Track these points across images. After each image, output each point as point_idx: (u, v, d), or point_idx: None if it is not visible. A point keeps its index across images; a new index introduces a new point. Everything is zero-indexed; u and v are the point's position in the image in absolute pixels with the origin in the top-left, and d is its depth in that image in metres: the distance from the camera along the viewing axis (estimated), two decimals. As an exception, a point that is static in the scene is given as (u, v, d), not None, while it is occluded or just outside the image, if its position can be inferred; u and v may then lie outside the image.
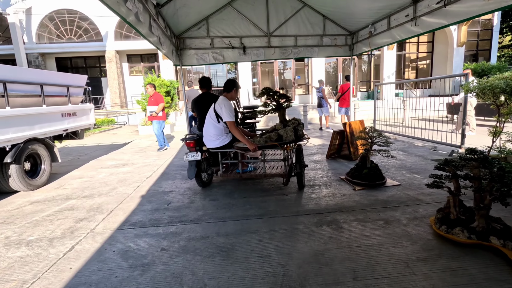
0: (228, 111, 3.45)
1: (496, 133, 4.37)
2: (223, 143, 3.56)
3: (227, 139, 3.58)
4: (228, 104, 3.51)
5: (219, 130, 3.55)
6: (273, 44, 5.18)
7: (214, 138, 3.56)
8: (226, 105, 3.47)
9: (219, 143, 3.56)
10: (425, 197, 3.31)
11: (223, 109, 3.45)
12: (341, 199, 3.40)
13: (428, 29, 3.52)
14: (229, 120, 3.43)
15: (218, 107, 3.50)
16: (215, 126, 3.55)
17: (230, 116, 3.44)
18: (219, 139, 3.56)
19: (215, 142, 3.57)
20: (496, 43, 17.85)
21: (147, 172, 5.18)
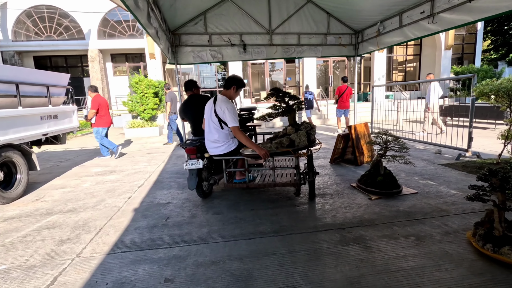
0: (232, 115, 3.08)
1: (508, 137, 4.21)
2: (229, 149, 3.19)
3: (234, 144, 3.21)
4: (230, 107, 3.14)
5: (224, 135, 3.18)
6: (275, 42, 4.86)
7: (219, 143, 3.19)
8: (229, 108, 3.09)
9: (224, 149, 3.19)
10: (449, 207, 3.06)
11: (226, 114, 3.08)
12: (359, 210, 3.10)
13: (448, 27, 3.29)
14: (233, 126, 3.06)
15: (220, 110, 3.12)
16: (219, 131, 3.18)
17: (234, 120, 3.07)
18: (224, 145, 3.19)
19: (220, 148, 3.20)
20: (480, 47, 18.32)
21: (138, 180, 4.72)
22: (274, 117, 3.20)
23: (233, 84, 3.23)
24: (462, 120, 10.00)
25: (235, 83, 3.24)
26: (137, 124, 10.68)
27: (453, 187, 3.70)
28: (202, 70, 18.41)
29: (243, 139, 3.05)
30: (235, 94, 3.29)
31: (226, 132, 3.19)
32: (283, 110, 3.23)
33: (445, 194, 3.46)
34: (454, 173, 4.31)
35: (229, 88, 3.24)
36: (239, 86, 3.28)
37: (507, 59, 20.67)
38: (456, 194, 3.43)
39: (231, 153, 3.21)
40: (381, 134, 3.72)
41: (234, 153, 3.22)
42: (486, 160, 4.88)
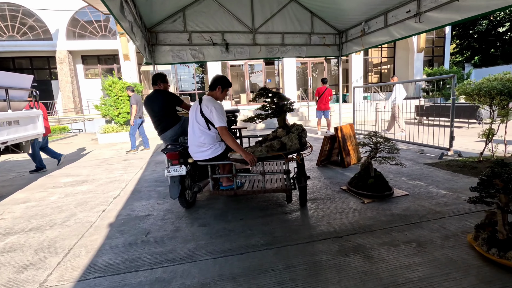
0: (220, 115, 2.86)
1: (489, 135, 4.28)
2: (215, 154, 2.95)
3: (220, 148, 2.97)
4: (218, 106, 2.91)
5: (210, 138, 2.94)
6: (258, 42, 4.67)
7: (205, 147, 2.94)
8: (216, 108, 2.87)
9: (210, 154, 2.94)
10: (443, 209, 3.00)
11: (214, 113, 2.85)
12: (354, 216, 2.96)
13: (435, 26, 3.26)
14: (220, 126, 2.83)
15: (207, 110, 2.89)
16: (204, 133, 2.93)
17: (222, 121, 2.85)
18: (210, 148, 2.94)
19: (206, 152, 2.95)
20: (448, 50, 19.27)
21: (114, 190, 4.33)
22: (263, 119, 3.00)
23: (218, 84, 3.02)
24: (438, 119, 10.40)
25: (220, 83, 3.03)
26: (111, 129, 10.08)
27: (442, 187, 3.67)
28: (180, 72, 17.91)
29: (230, 142, 2.82)
30: (221, 95, 3.06)
31: (213, 134, 2.96)
32: (272, 112, 3.03)
33: (436, 194, 3.42)
34: (440, 172, 4.33)
35: (214, 89, 3.03)
36: (225, 86, 3.05)
37: (472, 62, 21.94)
38: (447, 195, 3.40)
39: (218, 158, 2.97)
40: (371, 136, 3.63)
41: (221, 158, 2.98)
42: (467, 158, 4.97)
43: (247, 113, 12.78)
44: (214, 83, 3.03)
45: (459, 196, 3.31)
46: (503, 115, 3.95)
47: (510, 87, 3.74)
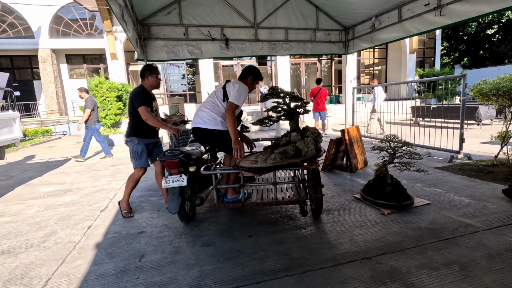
0: (239, 94, 2.68)
1: (506, 138, 4.05)
2: (212, 126, 2.78)
3: (221, 126, 2.80)
4: (243, 88, 2.73)
5: (217, 110, 2.81)
6: (260, 38, 4.31)
7: (206, 117, 2.80)
8: (241, 88, 2.71)
9: (208, 124, 2.79)
10: (473, 221, 2.71)
11: (235, 89, 2.69)
12: (377, 230, 2.63)
13: (459, 19, 2.97)
14: (232, 102, 2.65)
15: (231, 86, 2.77)
16: (215, 104, 2.83)
17: (238, 100, 2.66)
18: (211, 120, 2.79)
19: (204, 120, 2.80)
20: (439, 51, 19.42)
21: (101, 201, 3.88)
22: (275, 121, 2.64)
23: (250, 74, 2.88)
24: (434, 120, 10.31)
25: (253, 73, 2.88)
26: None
27: (463, 194, 3.40)
28: (170, 72, 17.34)
29: (230, 121, 2.62)
30: (251, 86, 2.90)
31: (222, 110, 2.81)
32: (285, 113, 2.68)
33: (460, 203, 3.14)
34: (455, 177, 4.07)
35: (245, 78, 2.89)
36: (256, 78, 2.90)
37: (462, 63, 22.25)
38: (471, 204, 3.12)
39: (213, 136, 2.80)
40: (389, 140, 3.32)
41: (217, 136, 2.79)
42: (478, 162, 4.74)
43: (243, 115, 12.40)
44: (246, 72, 2.89)
45: (485, 206, 3.04)
46: (524, 116, 3.72)
47: (531, 87, 3.51)
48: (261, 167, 2.41)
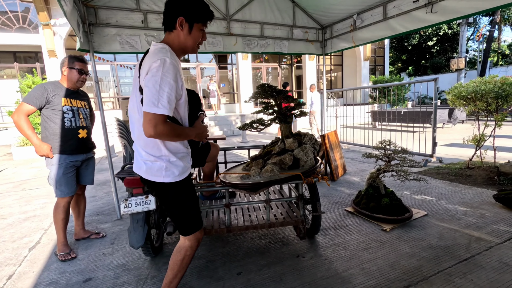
0: (154, 89, 1.25)
1: (480, 141, 4.07)
2: (168, 177, 1.43)
3: (182, 170, 1.46)
4: (166, 67, 1.26)
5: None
6: (234, 32, 3.78)
7: (148, 157, 1.44)
8: (154, 69, 1.26)
9: (157, 173, 1.42)
10: (480, 233, 2.48)
11: (147, 80, 1.27)
12: (387, 253, 2.25)
13: (454, 16, 2.80)
14: (148, 111, 1.25)
15: (144, 67, 1.31)
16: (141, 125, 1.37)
17: (156, 100, 1.24)
18: (156, 161, 1.42)
19: (149, 167, 1.44)
20: (387, 60, 20.86)
21: (30, 233, 2.96)
22: (267, 125, 2.13)
23: (178, 14, 1.35)
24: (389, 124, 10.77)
25: (183, 11, 1.36)
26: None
27: (454, 201, 3.24)
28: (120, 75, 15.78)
29: (173, 138, 1.37)
30: (190, 39, 1.40)
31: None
32: (277, 116, 2.18)
33: (456, 213, 2.94)
34: (437, 182, 3.97)
35: (173, 26, 1.38)
36: (197, 17, 1.38)
37: (407, 71, 24.24)
38: (467, 212, 2.94)
39: (182, 184, 1.49)
40: (383, 146, 3.02)
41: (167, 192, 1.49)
42: (452, 165, 4.77)
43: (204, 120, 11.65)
44: (171, 12, 1.37)
45: (482, 214, 2.87)
46: (500, 119, 3.74)
47: (508, 90, 3.53)
48: (255, 182, 1.87)
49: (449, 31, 22.48)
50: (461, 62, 16.95)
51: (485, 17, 22.91)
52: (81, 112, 2.49)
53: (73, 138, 2.43)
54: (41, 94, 2.29)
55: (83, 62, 2.40)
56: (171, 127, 1.30)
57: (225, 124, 12.18)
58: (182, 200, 1.48)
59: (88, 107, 2.60)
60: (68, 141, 2.41)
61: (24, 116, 2.25)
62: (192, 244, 1.52)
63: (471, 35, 24.11)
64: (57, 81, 2.42)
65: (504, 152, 5.27)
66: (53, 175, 2.38)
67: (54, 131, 2.36)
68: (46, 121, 2.36)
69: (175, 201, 1.47)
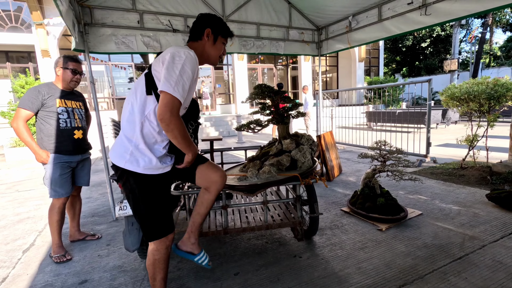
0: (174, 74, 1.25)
1: (473, 141, 4.13)
2: (122, 163, 1.38)
3: (133, 162, 1.38)
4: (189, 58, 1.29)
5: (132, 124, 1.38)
6: (230, 32, 3.78)
7: (118, 143, 1.43)
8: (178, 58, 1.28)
9: (119, 159, 1.40)
10: (473, 232, 2.52)
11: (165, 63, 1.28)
12: (382, 252, 2.28)
13: (447, 19, 2.84)
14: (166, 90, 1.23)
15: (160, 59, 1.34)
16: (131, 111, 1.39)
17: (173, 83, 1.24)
18: (121, 148, 1.40)
19: (115, 152, 1.42)
20: (382, 61, 21.05)
21: (24, 236, 2.92)
22: (264, 126, 2.14)
23: (206, 26, 1.47)
24: (385, 125, 10.87)
25: (211, 23, 1.48)
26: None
27: (448, 201, 3.28)
28: (115, 75, 15.66)
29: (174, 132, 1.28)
30: (212, 49, 1.50)
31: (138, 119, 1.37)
32: (274, 117, 2.19)
33: (450, 212, 2.98)
34: (431, 182, 4.01)
35: (198, 37, 1.48)
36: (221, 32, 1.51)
37: (401, 72, 24.49)
38: (461, 211, 2.98)
39: (127, 181, 1.41)
40: (379, 146, 3.05)
41: (131, 184, 1.41)
42: (445, 165, 4.83)
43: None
44: (199, 25, 1.48)
45: (475, 213, 2.92)
46: (492, 120, 3.80)
47: (500, 91, 3.59)
48: (253, 184, 1.88)
49: (442, 32, 22.81)
50: (454, 64, 17.19)
51: (477, 19, 23.28)
52: (76, 112, 2.47)
53: (68, 139, 2.42)
54: (35, 98, 2.27)
55: (77, 62, 2.38)
56: (182, 121, 1.30)
57: (221, 124, 12.17)
58: (145, 198, 1.40)
59: (83, 107, 2.58)
60: (64, 142, 2.39)
61: (23, 123, 2.24)
62: (158, 247, 1.45)
63: (463, 37, 24.48)
64: (51, 83, 2.40)
65: (496, 152, 5.36)
66: (48, 175, 2.36)
67: (49, 133, 2.35)
68: (41, 122, 2.34)
69: (136, 197, 1.41)
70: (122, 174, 1.41)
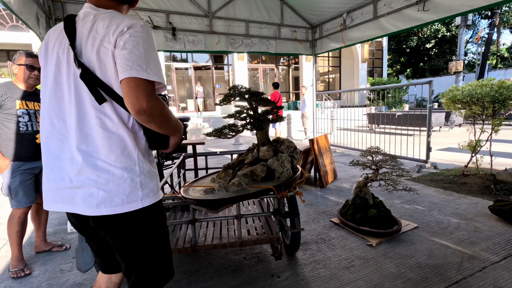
0: (138, 48, 0.92)
1: (476, 147, 3.87)
2: (133, 205, 0.99)
3: (147, 192, 1.02)
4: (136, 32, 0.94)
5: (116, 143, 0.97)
6: (216, 29, 3.58)
7: (97, 177, 0.96)
8: (134, 32, 0.94)
9: (116, 204, 0.96)
10: (473, 250, 2.28)
11: (127, 44, 0.91)
12: (370, 272, 2.05)
13: (447, 15, 2.60)
14: (138, 76, 0.89)
15: (96, 44, 0.94)
16: (90, 124, 0.97)
17: (144, 63, 0.91)
18: (116, 182, 0.96)
19: (99, 195, 0.96)
20: (386, 62, 20.72)
21: (-9, 244, 2.74)
22: (239, 132, 1.92)
23: None
24: (387, 127, 10.58)
25: None
26: None
27: (447, 212, 3.04)
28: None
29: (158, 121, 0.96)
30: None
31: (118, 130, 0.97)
32: (251, 121, 1.97)
33: (449, 225, 2.74)
34: (430, 190, 3.77)
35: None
36: None
37: (405, 74, 24.10)
38: (461, 225, 2.73)
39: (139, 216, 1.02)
40: (371, 153, 2.81)
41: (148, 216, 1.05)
42: (446, 171, 4.57)
43: (195, 121, 11.49)
44: None
45: (476, 227, 2.67)
46: (497, 124, 3.54)
47: (505, 94, 3.34)
48: (220, 199, 1.66)
49: (448, 33, 22.39)
50: (460, 65, 16.82)
51: (484, 20, 22.83)
52: (38, 115, 2.28)
53: (30, 144, 2.23)
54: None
55: (33, 57, 2.19)
56: (163, 103, 0.96)
57: (220, 125, 11.96)
58: (159, 232, 1.09)
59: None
60: (24, 147, 2.20)
61: None
62: None
63: (469, 37, 24.01)
64: (10, 82, 2.22)
65: (501, 158, 5.08)
66: (6, 184, 2.17)
67: (8, 137, 2.16)
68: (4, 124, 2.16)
69: (147, 236, 1.05)
70: (120, 221, 0.99)
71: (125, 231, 1.01)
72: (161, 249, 1.10)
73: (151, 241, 1.06)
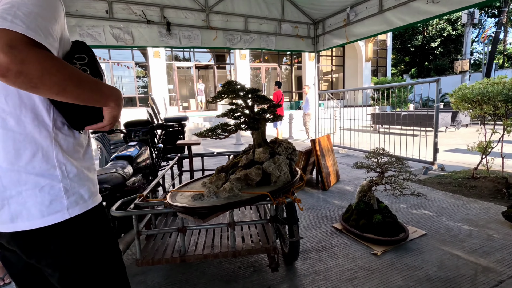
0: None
1: (486, 149, 3.68)
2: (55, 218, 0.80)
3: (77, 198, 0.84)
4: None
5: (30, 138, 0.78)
6: (214, 25, 3.42)
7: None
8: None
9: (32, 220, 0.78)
10: (488, 261, 2.10)
11: None
12: (373, 285, 1.88)
13: (459, 6, 2.41)
14: (7, 27, 0.62)
15: None
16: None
17: (13, 14, 0.64)
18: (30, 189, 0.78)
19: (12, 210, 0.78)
20: (390, 61, 20.44)
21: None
22: (232, 132, 1.76)
23: None
24: (391, 127, 10.36)
25: None
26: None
27: (457, 218, 2.86)
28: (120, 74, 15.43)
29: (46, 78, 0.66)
30: None
31: (26, 128, 0.77)
32: (246, 120, 1.81)
33: (459, 232, 2.56)
34: (438, 194, 3.58)
35: None
36: None
37: (410, 73, 23.78)
38: (472, 232, 2.55)
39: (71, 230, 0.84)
40: (376, 155, 2.64)
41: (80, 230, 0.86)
42: (455, 173, 4.38)
43: (197, 121, 11.35)
44: None
45: (489, 235, 2.49)
46: (509, 124, 3.34)
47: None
48: (208, 206, 1.50)
49: (453, 32, 22.03)
50: (466, 64, 16.51)
51: (490, 18, 22.44)
52: None
53: None
54: None
55: None
56: (52, 56, 0.67)
57: (221, 125, 11.83)
58: (105, 246, 0.92)
59: None
60: None
61: None
62: None
63: (476, 36, 23.63)
64: None
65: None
66: None
67: None
68: None
69: (88, 254, 0.87)
70: (44, 237, 0.80)
71: (52, 249, 0.81)
72: (106, 266, 0.91)
73: (91, 258, 0.87)
